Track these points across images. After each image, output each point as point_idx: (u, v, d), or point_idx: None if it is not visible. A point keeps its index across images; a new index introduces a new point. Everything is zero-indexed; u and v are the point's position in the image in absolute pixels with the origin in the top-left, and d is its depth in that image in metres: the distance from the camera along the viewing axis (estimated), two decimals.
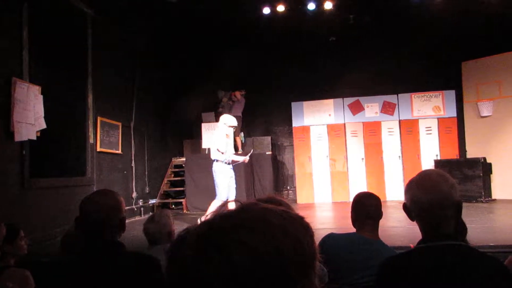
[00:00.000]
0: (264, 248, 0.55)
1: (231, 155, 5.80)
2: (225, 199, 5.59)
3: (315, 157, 9.47)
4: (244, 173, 8.23)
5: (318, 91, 9.61)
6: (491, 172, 7.94)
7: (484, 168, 7.72)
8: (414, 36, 8.64)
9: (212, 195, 7.90)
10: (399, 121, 9.25)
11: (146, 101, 8.42)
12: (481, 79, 8.59)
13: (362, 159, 9.26)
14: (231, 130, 5.92)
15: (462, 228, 2.24)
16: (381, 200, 2.33)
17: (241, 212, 0.61)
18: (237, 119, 9.08)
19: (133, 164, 7.85)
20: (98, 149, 6.65)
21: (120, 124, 7.39)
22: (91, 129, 6.46)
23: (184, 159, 9.06)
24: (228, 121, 5.83)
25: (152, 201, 8.48)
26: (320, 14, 8.28)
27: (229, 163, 5.73)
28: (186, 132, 10.33)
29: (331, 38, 9.27)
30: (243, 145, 9.56)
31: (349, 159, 9.29)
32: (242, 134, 9.51)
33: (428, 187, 1.43)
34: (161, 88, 9.19)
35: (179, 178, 9.30)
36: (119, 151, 7.36)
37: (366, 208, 2.21)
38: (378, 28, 8.73)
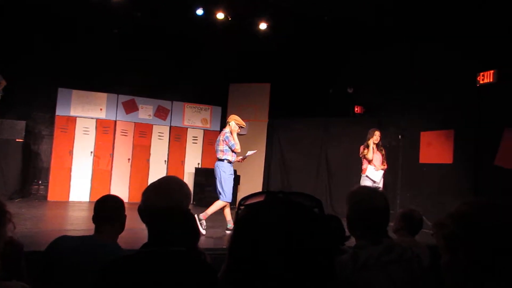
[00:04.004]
0: None
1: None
2: (230, 201, 5.57)
3: (77, 151, 8.74)
4: None
5: (92, 82, 8.93)
6: (238, 183, 9.14)
7: (234, 179, 8.80)
8: (195, 50, 9.19)
9: None
10: (170, 127, 9.59)
11: None
12: (243, 101, 9.86)
13: (129, 159, 9.11)
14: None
15: (194, 235, 2.43)
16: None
17: None
18: None
19: None
20: None
21: None
22: None
23: None
24: (240, 120, 5.82)
25: None
26: (107, 2, 7.78)
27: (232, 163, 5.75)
28: None
29: (114, 30, 8.81)
30: None
31: (115, 158, 8.98)
32: None
33: (162, 194, 1.47)
34: None
35: None
36: None
37: (105, 210, 2.14)
38: (164, 32, 8.87)
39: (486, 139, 6.18)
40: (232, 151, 5.64)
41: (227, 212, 5.60)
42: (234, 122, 5.77)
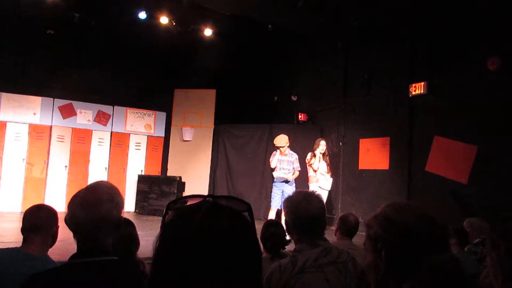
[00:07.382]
0: None
1: (281, 172, 6.33)
2: (274, 208, 6.35)
3: (8, 159, 8.15)
4: None
5: (25, 85, 8.37)
6: (183, 190, 8.98)
7: (178, 186, 8.66)
8: (138, 53, 8.91)
9: None
10: (111, 132, 9.23)
11: None
12: (188, 107, 9.73)
13: (66, 166, 8.63)
14: (283, 149, 6.40)
15: (131, 243, 2.34)
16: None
17: None
18: None
19: None
20: None
21: None
22: None
23: None
24: (276, 141, 6.48)
25: None
26: (41, 2, 7.35)
27: (282, 179, 6.36)
28: None
29: (48, 31, 8.31)
30: None
31: (50, 165, 8.47)
32: None
33: (89, 207, 1.38)
34: None
35: None
36: None
37: (34, 220, 2.00)
38: (104, 34, 8.52)
39: (418, 146, 6.61)
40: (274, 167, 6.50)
41: (270, 215, 6.39)
42: (275, 141, 6.53)
